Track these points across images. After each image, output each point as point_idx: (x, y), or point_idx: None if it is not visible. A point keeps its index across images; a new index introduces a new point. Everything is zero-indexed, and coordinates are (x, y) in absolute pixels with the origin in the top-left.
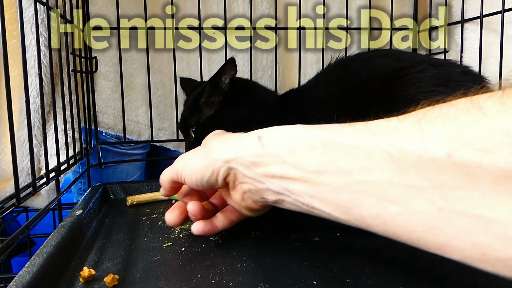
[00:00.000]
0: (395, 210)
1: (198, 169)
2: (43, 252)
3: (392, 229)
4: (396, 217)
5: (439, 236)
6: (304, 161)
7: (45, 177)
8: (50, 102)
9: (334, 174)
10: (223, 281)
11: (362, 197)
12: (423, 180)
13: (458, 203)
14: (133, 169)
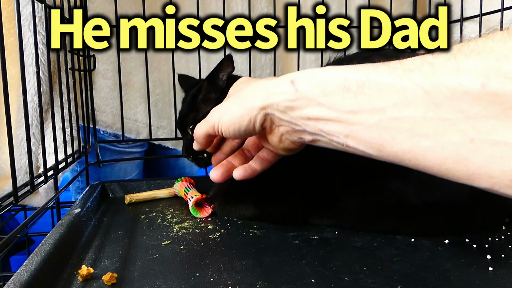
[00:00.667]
0: (427, 144)
1: (235, 119)
2: (41, 251)
3: (424, 162)
4: (428, 151)
5: (469, 166)
6: (338, 102)
7: (43, 175)
8: (48, 101)
9: (368, 112)
10: (221, 279)
11: (395, 133)
12: (457, 112)
13: (490, 133)
14: (131, 167)
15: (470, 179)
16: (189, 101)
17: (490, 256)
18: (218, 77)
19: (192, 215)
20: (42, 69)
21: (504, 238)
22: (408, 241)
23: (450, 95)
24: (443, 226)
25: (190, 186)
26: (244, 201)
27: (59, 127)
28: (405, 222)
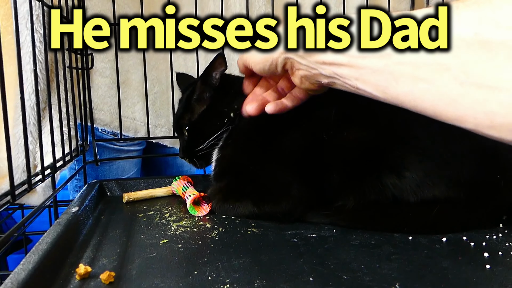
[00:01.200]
0: (424, 86)
1: (259, 60)
2: (39, 249)
3: (421, 104)
4: (425, 93)
5: (458, 108)
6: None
7: (40, 174)
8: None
9: (376, 57)
10: (219, 278)
11: (398, 76)
12: (451, 58)
13: (477, 77)
14: (129, 166)
15: (459, 120)
16: (184, 102)
17: (487, 254)
18: (211, 76)
19: (190, 214)
20: (39, 67)
21: (501, 236)
22: (406, 239)
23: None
24: (441, 224)
25: (188, 184)
26: (242, 199)
27: (56, 126)
28: (403, 220)
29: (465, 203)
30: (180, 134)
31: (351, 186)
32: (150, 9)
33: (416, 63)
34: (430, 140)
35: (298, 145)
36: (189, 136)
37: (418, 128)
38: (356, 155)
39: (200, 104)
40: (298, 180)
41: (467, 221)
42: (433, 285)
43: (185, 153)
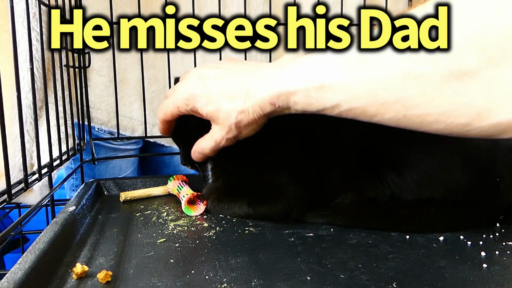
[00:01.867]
0: (377, 119)
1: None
2: (35, 249)
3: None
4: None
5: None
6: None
7: (37, 173)
8: (42, 98)
9: (329, 109)
10: (217, 277)
11: (355, 117)
12: (389, 96)
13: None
14: (126, 165)
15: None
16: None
17: (484, 253)
18: None
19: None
20: (36, 66)
21: (498, 235)
22: (403, 238)
23: (382, 84)
24: (438, 223)
25: (183, 184)
26: (237, 199)
27: (53, 125)
28: (401, 219)
29: (463, 204)
30: (178, 142)
31: (350, 183)
32: (148, 8)
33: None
34: (432, 140)
35: (294, 145)
36: (189, 142)
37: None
38: (356, 152)
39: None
40: (294, 181)
41: (464, 220)
42: (430, 284)
43: (187, 160)
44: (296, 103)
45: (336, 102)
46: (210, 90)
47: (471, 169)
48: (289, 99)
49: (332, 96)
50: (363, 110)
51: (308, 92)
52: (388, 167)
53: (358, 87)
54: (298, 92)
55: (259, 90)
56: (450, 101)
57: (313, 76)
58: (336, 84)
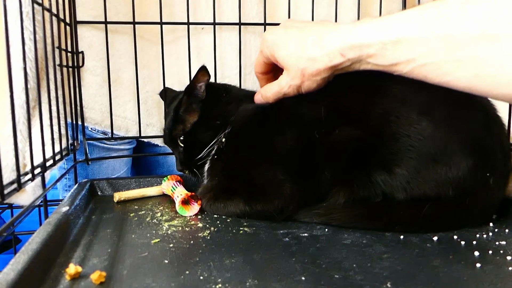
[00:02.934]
0: (448, 78)
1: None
2: (28, 249)
3: (448, 86)
4: (449, 82)
5: (477, 90)
6: (380, 60)
7: (30, 173)
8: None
9: (404, 64)
10: (211, 277)
11: (426, 74)
12: (466, 54)
13: (487, 67)
14: (119, 165)
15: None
16: (172, 115)
17: (477, 253)
18: (196, 89)
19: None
20: (29, 66)
21: (491, 235)
22: (397, 238)
23: (460, 40)
24: (432, 222)
25: (177, 184)
26: (233, 197)
27: (46, 124)
28: (395, 219)
29: (455, 201)
30: (174, 147)
31: (341, 182)
32: (142, 8)
33: (437, 62)
34: (420, 138)
35: (289, 144)
36: (185, 146)
37: (408, 126)
38: (347, 152)
39: (191, 115)
40: (290, 178)
41: (457, 219)
42: (424, 283)
43: (183, 165)
44: (369, 55)
45: (412, 56)
46: (289, 38)
47: (460, 164)
48: (362, 51)
49: (408, 50)
50: (437, 66)
51: (384, 46)
52: (377, 166)
53: (435, 42)
54: (373, 45)
55: (331, 40)
56: None
57: (391, 31)
58: (414, 38)
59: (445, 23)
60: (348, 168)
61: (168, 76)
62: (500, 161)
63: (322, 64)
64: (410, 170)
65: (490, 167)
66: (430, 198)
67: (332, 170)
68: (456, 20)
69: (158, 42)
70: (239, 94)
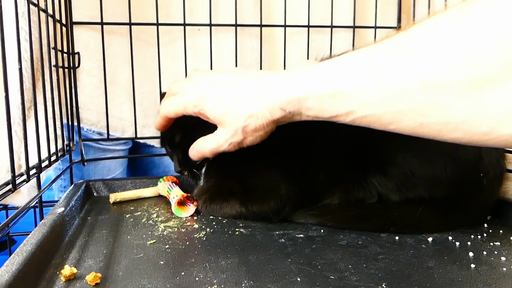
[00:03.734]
0: (393, 127)
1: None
2: (23, 251)
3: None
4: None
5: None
6: (324, 110)
7: (25, 174)
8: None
9: (343, 116)
10: (207, 279)
11: (369, 124)
12: (405, 104)
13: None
14: (115, 165)
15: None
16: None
17: (472, 254)
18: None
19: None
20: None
21: (486, 236)
22: (393, 239)
23: (399, 91)
24: (427, 223)
25: (173, 185)
26: (229, 199)
27: (42, 125)
28: (390, 220)
29: (450, 202)
30: (172, 148)
31: (336, 183)
32: (138, 9)
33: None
34: (413, 138)
35: (285, 146)
36: (183, 146)
37: None
38: (341, 154)
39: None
40: (286, 179)
41: (452, 220)
42: (419, 284)
43: (183, 165)
44: (308, 109)
45: (350, 109)
46: (221, 93)
47: (454, 165)
48: (301, 104)
49: (346, 103)
50: (378, 118)
51: (321, 98)
52: (372, 167)
53: (373, 94)
54: (310, 98)
55: (270, 95)
56: (470, 109)
57: (327, 82)
58: (351, 91)
59: (382, 73)
60: (342, 169)
61: (165, 77)
62: (493, 162)
63: (264, 120)
64: (404, 171)
65: (484, 167)
66: (425, 199)
67: (327, 171)
68: (392, 71)
69: (155, 43)
70: None
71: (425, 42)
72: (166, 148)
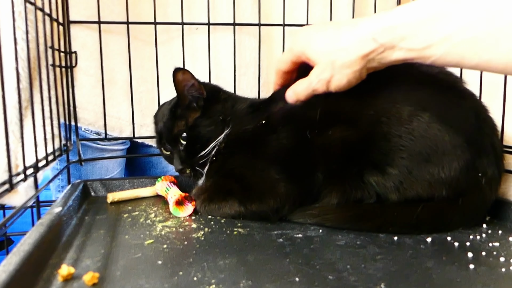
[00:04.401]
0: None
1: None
2: (20, 250)
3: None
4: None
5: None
6: (414, 43)
7: (22, 173)
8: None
9: (438, 44)
10: (205, 278)
11: (463, 54)
12: (506, 24)
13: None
14: (113, 165)
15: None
16: (169, 115)
17: (471, 254)
18: (186, 89)
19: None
20: (21, 66)
21: (484, 236)
22: (391, 240)
23: (500, 10)
24: (425, 223)
25: (171, 185)
26: (228, 198)
27: (39, 125)
28: (388, 220)
29: (448, 202)
30: (174, 145)
31: (333, 183)
32: (135, 8)
33: (472, 39)
34: (411, 138)
35: (284, 145)
36: (187, 142)
37: (399, 126)
38: (338, 153)
39: (192, 112)
40: (285, 178)
41: (450, 219)
42: (418, 285)
43: (185, 162)
44: (402, 38)
45: (448, 33)
46: (323, 34)
47: (452, 164)
48: (395, 33)
49: (445, 25)
50: (476, 42)
51: (418, 24)
52: (369, 166)
53: (474, 14)
54: (406, 25)
55: (364, 26)
56: None
57: (426, 9)
58: (451, 12)
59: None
60: (339, 168)
61: (162, 76)
62: (492, 162)
63: (352, 54)
64: (402, 170)
65: (482, 167)
66: (423, 199)
67: (324, 170)
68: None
69: (152, 42)
70: (232, 93)
71: None
72: (162, 149)
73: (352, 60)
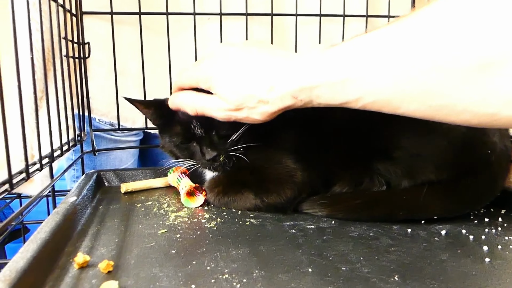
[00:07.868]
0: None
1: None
2: (37, 238)
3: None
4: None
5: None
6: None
7: (38, 163)
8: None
9: (353, 102)
10: (218, 268)
11: (379, 109)
12: (414, 87)
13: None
14: (126, 156)
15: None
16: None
17: (486, 247)
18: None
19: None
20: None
21: (500, 230)
22: (405, 231)
23: (408, 75)
24: (434, 203)
25: (182, 175)
26: (243, 191)
27: (54, 115)
28: (398, 205)
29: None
30: (208, 128)
31: (342, 171)
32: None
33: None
34: (414, 119)
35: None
36: (220, 124)
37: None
38: (346, 141)
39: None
40: (300, 166)
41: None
42: (432, 277)
43: (218, 149)
44: (319, 96)
45: (360, 95)
46: (232, 73)
47: (460, 142)
48: (312, 92)
49: (356, 89)
50: (388, 101)
51: (332, 86)
52: (376, 152)
53: (382, 79)
54: (321, 86)
55: (282, 83)
56: (478, 91)
57: (337, 70)
58: (360, 77)
59: (391, 58)
60: (348, 157)
61: (174, 67)
62: (500, 138)
63: (274, 107)
64: (410, 152)
65: (491, 144)
66: (434, 182)
67: (333, 160)
68: (400, 54)
69: (164, 33)
70: None
71: (432, 25)
72: (184, 142)
73: (272, 111)
